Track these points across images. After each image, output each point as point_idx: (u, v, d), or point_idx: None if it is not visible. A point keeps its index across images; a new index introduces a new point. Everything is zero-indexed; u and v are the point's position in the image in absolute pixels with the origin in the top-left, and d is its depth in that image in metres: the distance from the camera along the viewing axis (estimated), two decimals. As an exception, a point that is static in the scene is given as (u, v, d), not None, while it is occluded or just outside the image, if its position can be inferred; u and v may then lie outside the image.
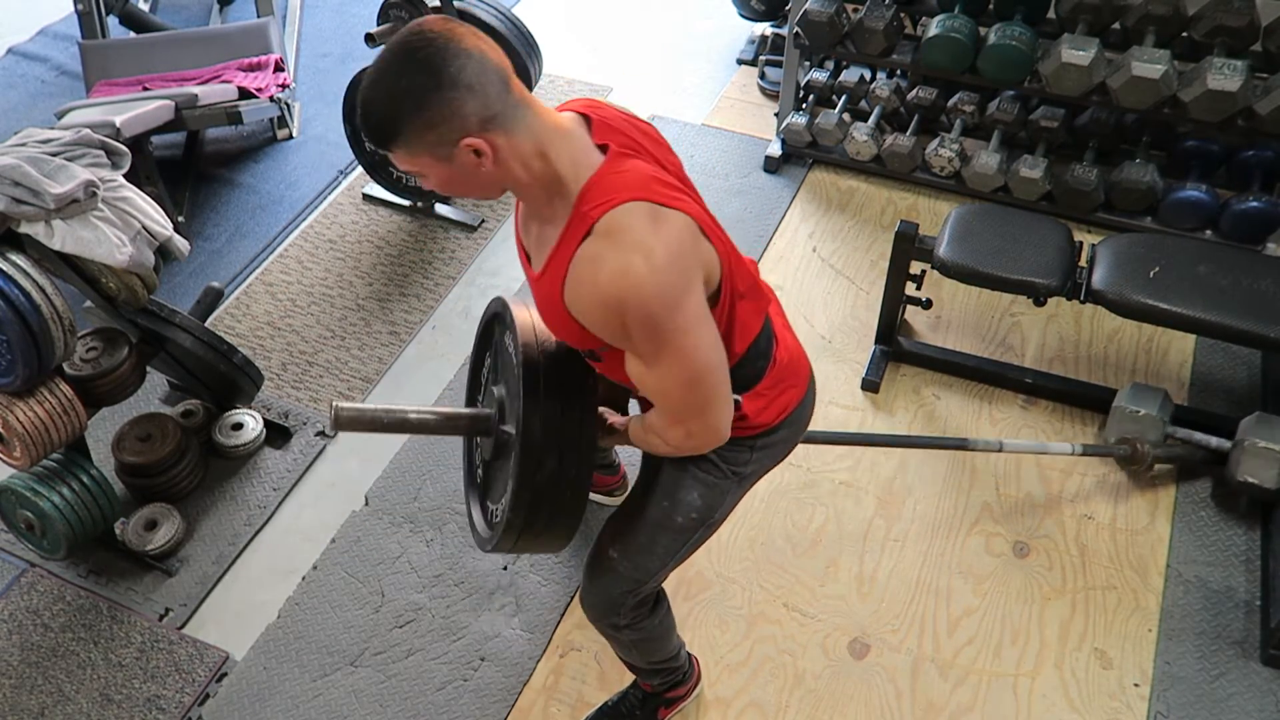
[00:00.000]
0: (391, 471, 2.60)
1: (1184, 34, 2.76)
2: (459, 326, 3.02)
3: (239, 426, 2.66)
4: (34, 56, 4.23)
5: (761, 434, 1.62)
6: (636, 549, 1.68)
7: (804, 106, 3.44)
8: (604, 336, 1.36)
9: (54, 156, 2.09)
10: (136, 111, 2.97)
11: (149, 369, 2.49)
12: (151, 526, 2.44)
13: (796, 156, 3.46)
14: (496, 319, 1.70)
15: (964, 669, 2.19)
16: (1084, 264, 2.45)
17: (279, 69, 3.59)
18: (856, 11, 3.09)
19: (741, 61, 3.96)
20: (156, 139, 3.32)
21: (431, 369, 2.89)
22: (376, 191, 3.41)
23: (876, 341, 2.79)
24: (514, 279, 3.15)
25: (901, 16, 3.05)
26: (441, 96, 1.21)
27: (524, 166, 1.30)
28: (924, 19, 3.30)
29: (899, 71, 3.49)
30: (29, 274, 2.04)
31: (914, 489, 2.52)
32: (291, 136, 3.75)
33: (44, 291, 2.05)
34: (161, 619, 2.33)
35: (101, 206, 2.10)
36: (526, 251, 1.47)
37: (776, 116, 3.50)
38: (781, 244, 3.19)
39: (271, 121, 3.75)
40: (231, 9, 4.38)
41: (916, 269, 2.64)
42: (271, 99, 3.48)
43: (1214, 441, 2.40)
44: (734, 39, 4.07)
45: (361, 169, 3.41)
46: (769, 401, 1.59)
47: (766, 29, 3.90)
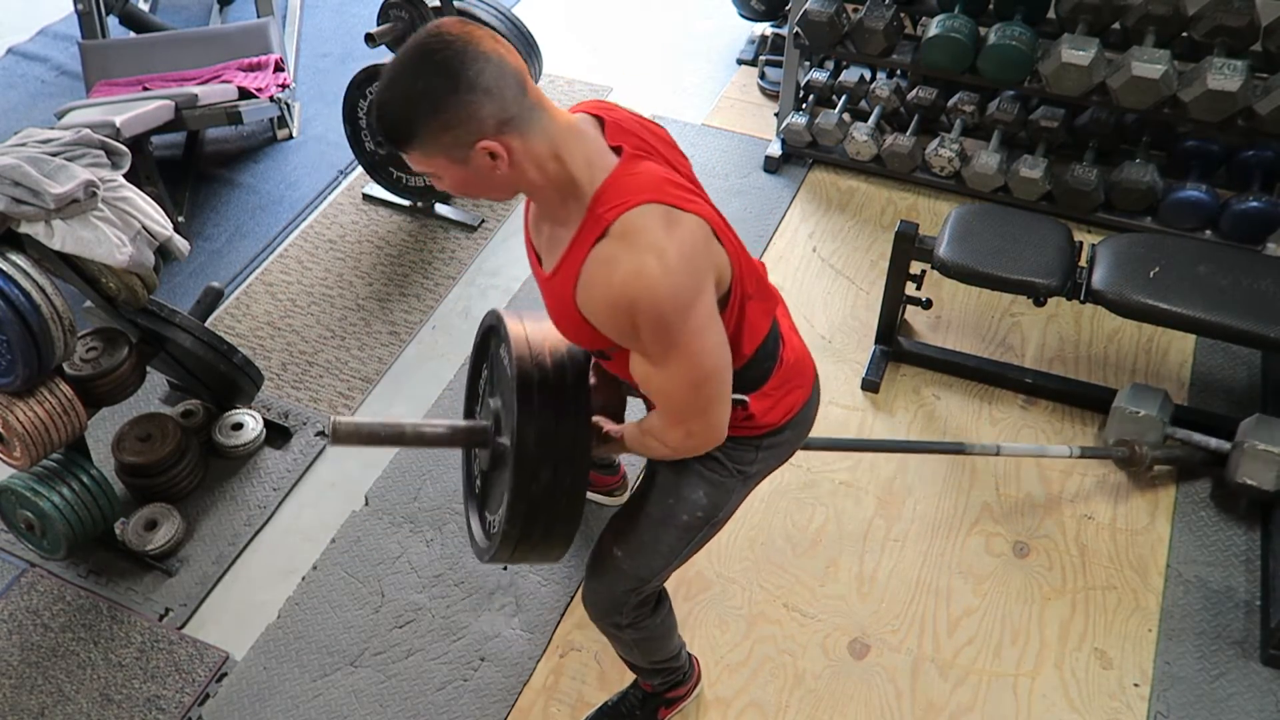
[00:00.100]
0: (391, 471, 2.60)
1: (1184, 34, 2.76)
2: (459, 326, 3.02)
3: (239, 426, 2.66)
4: (34, 56, 4.23)
5: (767, 434, 1.62)
6: (640, 547, 1.68)
7: (804, 106, 3.44)
8: (612, 336, 1.36)
9: (54, 156, 2.09)
10: (136, 111, 2.97)
11: (149, 369, 2.49)
12: (151, 526, 2.44)
13: (796, 156, 3.46)
14: (492, 331, 1.70)
15: (964, 669, 2.19)
16: (1084, 264, 2.45)
17: (279, 69, 3.59)
18: (856, 11, 3.09)
19: (741, 61, 3.96)
20: (156, 139, 3.32)
21: (431, 369, 2.89)
22: (376, 191, 3.41)
23: (876, 341, 2.79)
24: (514, 279, 3.15)
25: (901, 16, 3.05)
26: (459, 99, 1.20)
27: (538, 169, 1.30)
28: (924, 19, 3.30)
29: (899, 71, 3.49)
30: (29, 274, 2.04)
31: (914, 489, 2.52)
32: (291, 136, 3.76)
33: (44, 291, 2.05)
34: (161, 619, 2.33)
35: (101, 206, 2.10)
36: (537, 252, 1.47)
37: (776, 116, 3.50)
38: (781, 244, 3.19)
39: (271, 121, 3.75)
40: (231, 9, 4.38)
41: (916, 269, 2.64)
42: (271, 99, 3.48)
43: (1213, 443, 2.40)
44: (734, 39, 4.07)
45: (361, 169, 3.41)
46: (775, 402, 1.60)
47: (766, 29, 3.90)
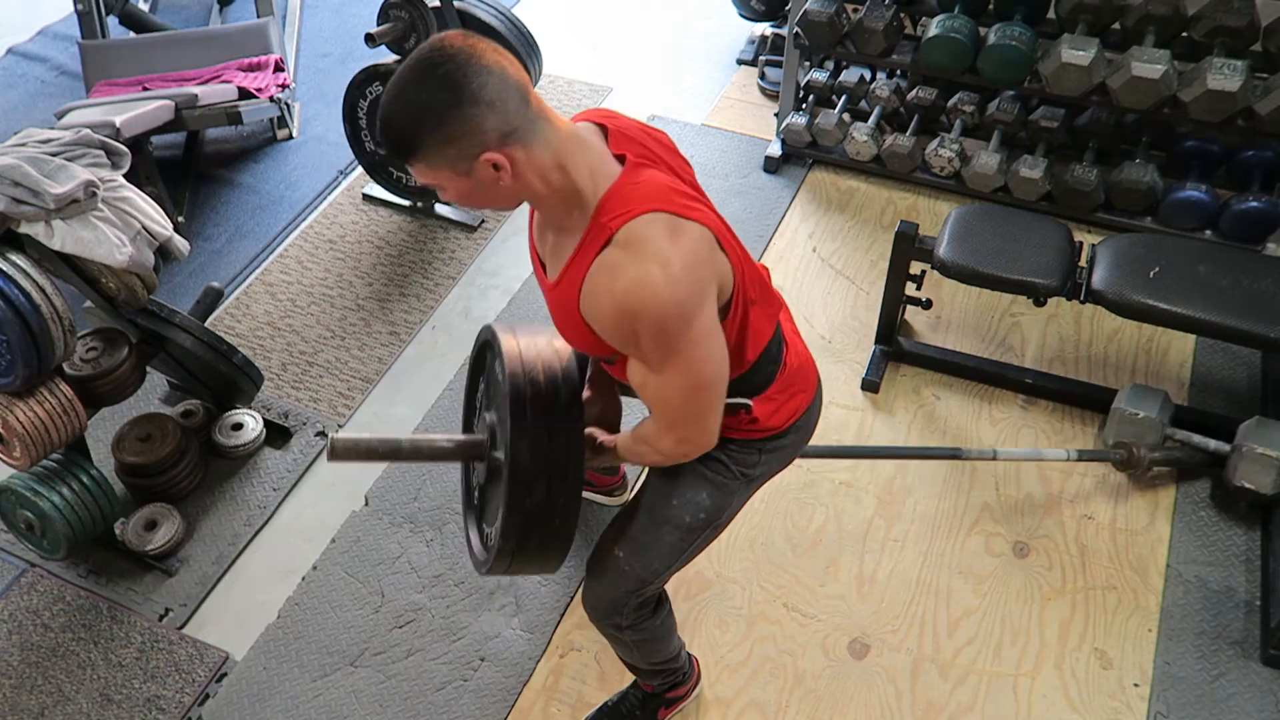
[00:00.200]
0: (391, 472, 2.60)
1: (1184, 34, 2.76)
2: (459, 326, 3.02)
3: (239, 427, 2.66)
4: (34, 56, 4.23)
5: (771, 437, 1.64)
6: (642, 548, 1.69)
7: (804, 107, 3.44)
8: (614, 343, 1.37)
9: (54, 156, 2.09)
10: (136, 111, 2.97)
11: (149, 369, 2.49)
12: (151, 526, 2.44)
13: (796, 156, 3.46)
14: (487, 347, 1.71)
15: (964, 669, 2.19)
16: (1084, 264, 2.45)
17: (279, 69, 3.59)
18: (856, 11, 3.09)
19: (741, 61, 3.96)
20: (156, 139, 3.32)
21: (431, 369, 2.89)
22: (376, 191, 3.41)
23: (876, 341, 2.79)
24: (514, 279, 3.15)
25: (901, 16, 3.05)
26: (462, 113, 1.21)
27: (542, 179, 1.31)
28: (924, 19, 3.30)
29: (899, 71, 3.49)
30: (29, 274, 2.04)
31: (914, 489, 2.52)
32: (291, 136, 3.75)
33: (44, 291, 2.05)
34: (161, 619, 2.33)
35: (101, 206, 2.10)
36: (541, 260, 1.48)
37: (776, 116, 3.50)
38: (781, 244, 3.19)
39: (271, 121, 3.75)
40: (231, 9, 4.38)
41: (916, 269, 2.64)
42: (271, 99, 3.48)
43: (1212, 445, 2.40)
44: (734, 39, 4.07)
45: (361, 169, 3.41)
46: (779, 406, 1.60)
47: (766, 29, 3.90)
